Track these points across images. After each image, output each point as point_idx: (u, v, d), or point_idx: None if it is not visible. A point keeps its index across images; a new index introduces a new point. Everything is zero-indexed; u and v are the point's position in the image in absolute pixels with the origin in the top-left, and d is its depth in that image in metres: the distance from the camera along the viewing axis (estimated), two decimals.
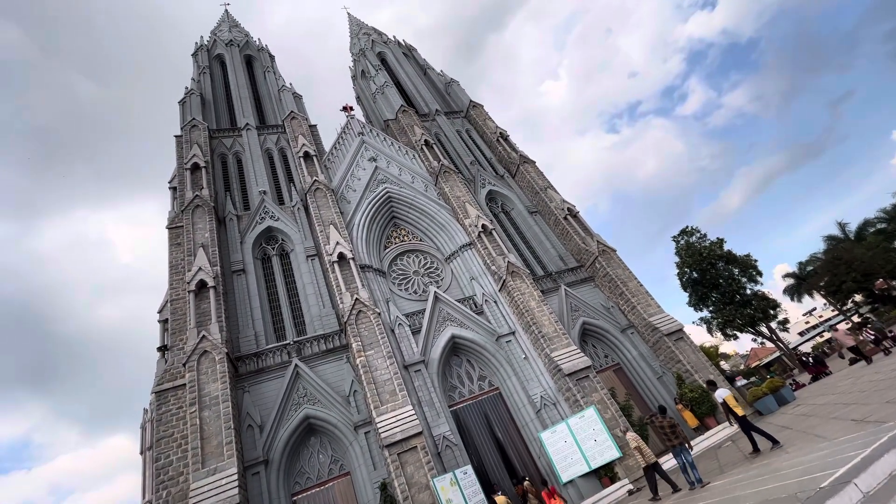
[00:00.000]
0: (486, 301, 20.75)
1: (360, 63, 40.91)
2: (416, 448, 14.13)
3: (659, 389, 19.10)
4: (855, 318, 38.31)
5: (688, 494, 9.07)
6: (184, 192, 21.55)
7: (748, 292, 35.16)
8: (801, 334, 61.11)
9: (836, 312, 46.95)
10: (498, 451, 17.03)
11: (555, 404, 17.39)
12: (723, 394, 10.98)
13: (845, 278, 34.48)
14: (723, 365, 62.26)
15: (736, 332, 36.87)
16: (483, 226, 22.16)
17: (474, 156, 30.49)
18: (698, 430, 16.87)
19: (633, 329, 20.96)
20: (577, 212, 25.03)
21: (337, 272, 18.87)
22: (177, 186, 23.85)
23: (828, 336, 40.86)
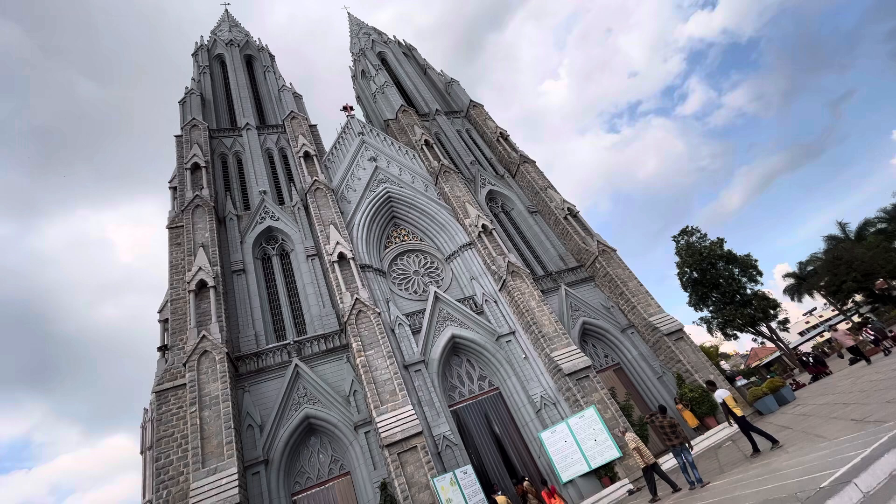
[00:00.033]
0: (486, 301, 20.75)
1: (360, 63, 40.91)
2: (416, 448, 14.15)
3: (659, 389, 19.10)
4: (855, 318, 38.29)
5: (688, 494, 9.07)
6: (184, 192, 21.58)
7: (748, 292, 35.12)
8: (802, 334, 61.10)
9: (837, 312, 46.95)
10: (498, 450, 17.04)
11: (555, 404, 17.40)
12: (722, 394, 10.99)
13: (845, 278, 34.45)
14: (723, 365, 62.26)
15: (736, 331, 36.85)
16: (483, 226, 22.17)
17: (474, 155, 30.50)
18: (698, 429, 16.88)
19: (633, 329, 20.97)
20: (578, 211, 25.03)
21: (337, 272, 18.88)
22: (177, 186, 23.87)
23: (828, 336, 40.81)
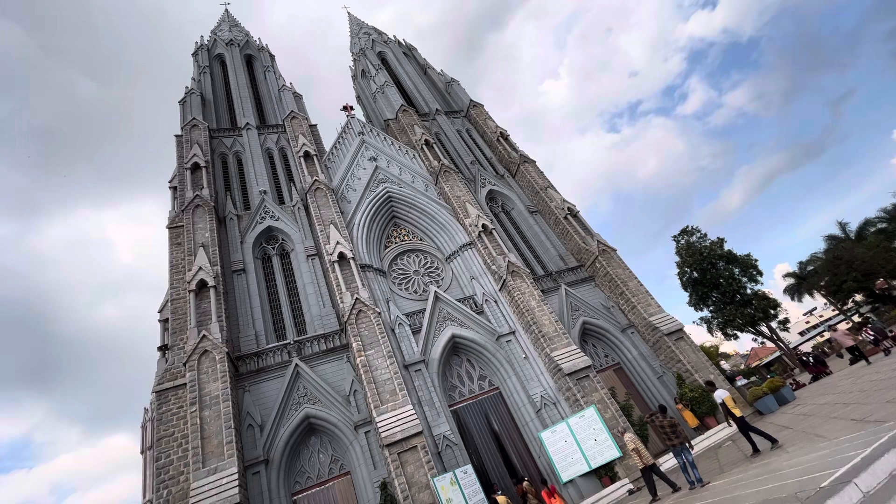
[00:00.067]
0: (486, 301, 20.75)
1: (360, 62, 40.90)
2: (417, 447, 14.15)
3: (659, 389, 19.10)
4: (855, 318, 38.28)
5: (688, 494, 9.07)
6: (184, 192, 21.58)
7: (748, 292, 35.11)
8: (802, 334, 61.08)
9: (837, 312, 46.93)
10: (498, 450, 17.05)
11: (555, 404, 17.40)
12: (722, 395, 11.01)
13: (846, 278, 34.44)
14: (723, 365, 62.25)
15: (736, 331, 36.85)
16: (483, 225, 22.16)
17: (474, 155, 30.49)
18: (698, 429, 16.88)
19: (633, 329, 20.97)
20: (578, 211, 25.03)
21: (337, 272, 18.88)
22: (177, 186, 23.87)
23: (828, 336, 40.80)
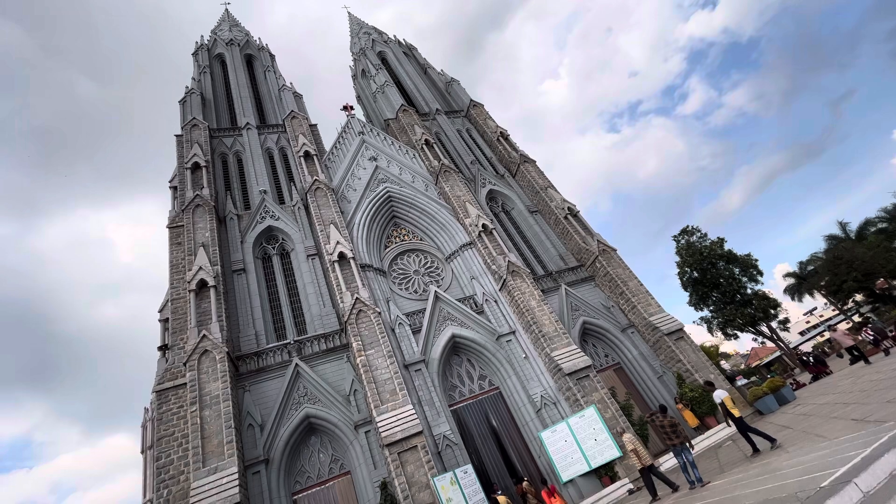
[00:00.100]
0: (486, 300, 20.75)
1: (360, 62, 40.89)
2: (417, 447, 14.15)
3: (659, 389, 19.10)
4: (856, 318, 38.25)
5: (688, 494, 9.07)
6: (184, 192, 21.58)
7: (749, 292, 35.09)
8: (802, 334, 61.05)
9: (837, 312, 46.90)
10: (498, 450, 17.05)
11: (555, 404, 17.40)
12: (721, 395, 11.02)
13: (846, 278, 34.39)
14: (723, 364, 62.24)
15: (736, 331, 36.83)
16: (483, 225, 22.16)
17: (475, 155, 30.48)
18: (699, 429, 16.88)
19: (633, 328, 20.96)
20: (578, 211, 25.02)
21: (337, 271, 18.88)
22: (177, 186, 23.88)
23: (828, 336, 40.79)
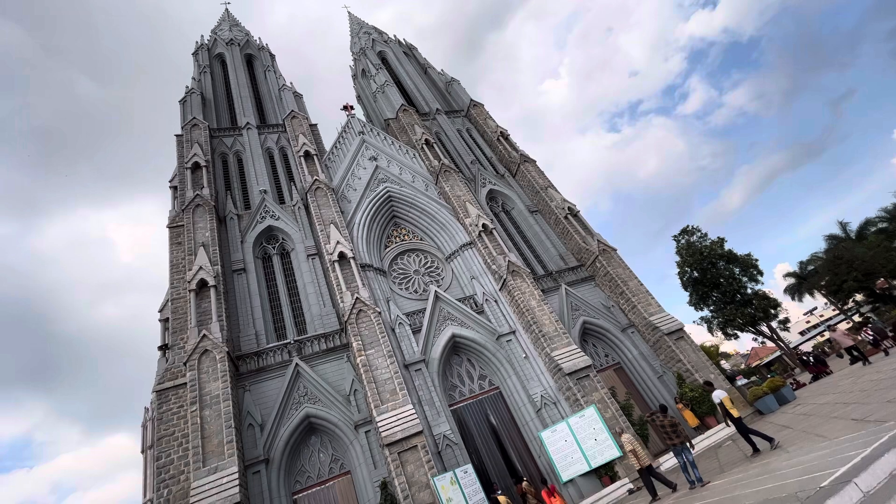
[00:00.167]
0: (486, 300, 20.75)
1: (360, 62, 40.87)
2: (417, 447, 14.15)
3: (659, 388, 19.10)
4: (856, 318, 38.24)
5: (688, 494, 9.07)
6: (184, 192, 21.59)
7: (749, 291, 35.09)
8: (802, 333, 61.05)
9: (837, 312, 46.87)
10: (498, 450, 17.05)
11: (555, 403, 17.40)
12: (720, 395, 11.02)
13: (846, 277, 34.35)
14: (723, 364, 62.24)
15: (736, 331, 36.83)
16: (483, 225, 22.15)
17: (475, 155, 30.47)
18: (699, 429, 16.88)
19: (633, 328, 20.96)
20: (578, 211, 25.02)
21: (337, 271, 18.88)
22: (177, 185, 23.88)
23: (828, 336, 40.79)
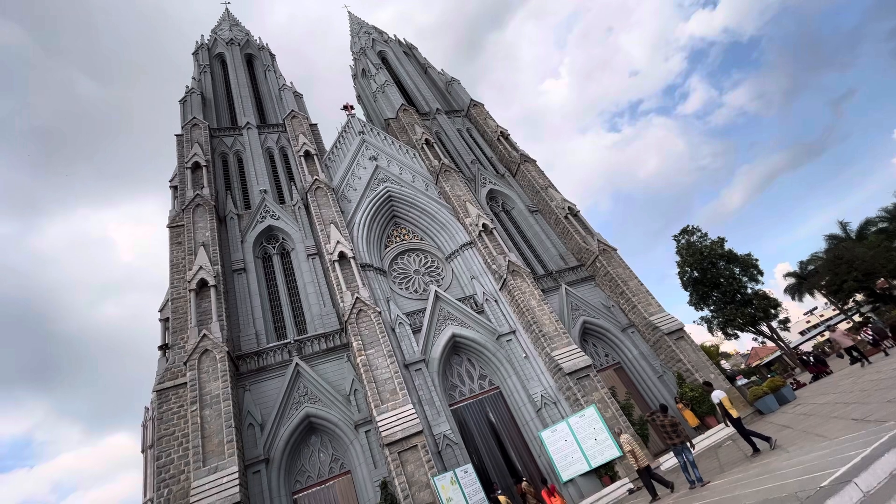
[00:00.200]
0: (486, 300, 20.75)
1: (360, 62, 40.86)
2: (417, 447, 14.16)
3: (659, 388, 19.10)
4: (856, 318, 38.22)
5: (688, 493, 9.08)
6: (184, 191, 21.59)
7: (749, 291, 35.08)
8: (802, 333, 61.05)
9: (837, 312, 46.86)
10: (498, 449, 17.05)
11: (555, 403, 17.41)
12: (719, 395, 11.01)
13: (846, 277, 34.33)
14: (723, 364, 62.21)
15: (737, 331, 36.82)
16: (484, 225, 22.15)
17: (475, 155, 30.47)
18: (699, 428, 16.89)
19: (633, 328, 20.96)
20: (578, 211, 25.01)
21: (337, 271, 18.89)
22: (178, 185, 23.88)
23: (827, 336, 40.78)
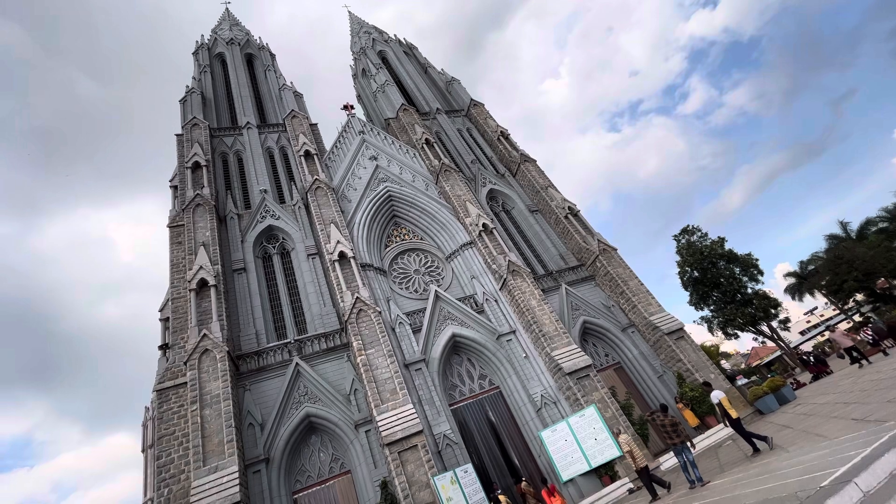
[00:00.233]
0: (486, 300, 20.75)
1: (360, 62, 40.86)
2: (417, 446, 14.16)
3: (660, 388, 19.10)
4: (856, 318, 38.22)
5: (688, 493, 9.08)
6: (185, 191, 21.59)
7: (749, 291, 35.07)
8: (803, 333, 61.04)
9: (838, 312, 46.84)
10: (498, 449, 17.06)
11: (555, 403, 17.41)
12: (718, 396, 11.03)
13: (846, 277, 34.31)
14: (723, 364, 62.22)
15: (737, 331, 36.81)
16: (484, 224, 22.15)
17: (475, 154, 30.46)
18: (699, 428, 16.89)
19: (633, 328, 20.96)
20: (578, 210, 25.01)
21: (338, 271, 18.89)
22: (178, 185, 23.88)
23: (827, 336, 40.78)
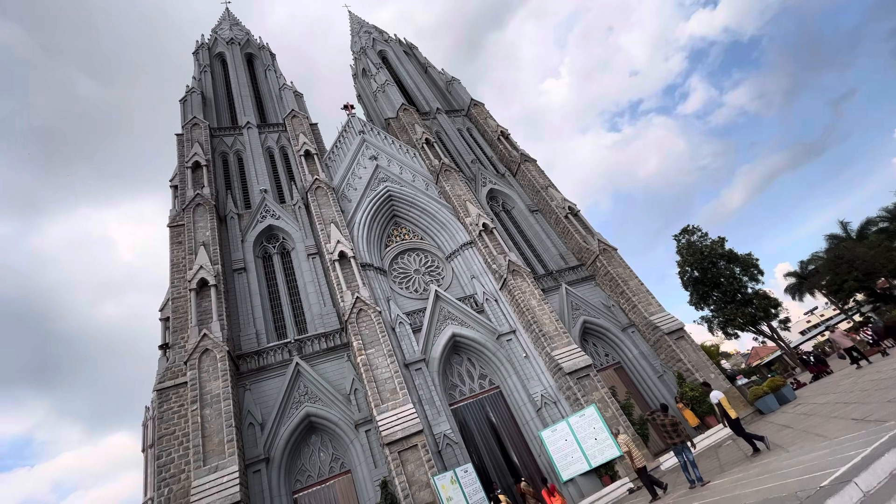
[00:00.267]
0: (486, 300, 20.75)
1: (360, 61, 40.86)
2: (417, 446, 14.17)
3: (660, 388, 19.11)
4: (856, 318, 38.22)
5: (688, 493, 9.08)
6: (185, 191, 21.60)
7: (749, 291, 35.09)
8: (803, 333, 61.05)
9: (838, 311, 46.84)
10: (498, 449, 17.06)
11: (555, 403, 17.41)
12: (717, 396, 11.04)
13: (847, 277, 34.30)
14: (724, 364, 62.19)
15: (737, 330, 36.83)
16: (484, 224, 22.15)
17: (475, 154, 30.47)
18: (699, 428, 16.89)
19: (633, 328, 20.96)
20: (578, 210, 25.01)
21: (338, 270, 18.90)
22: (178, 185, 23.90)
23: (827, 336, 40.78)
